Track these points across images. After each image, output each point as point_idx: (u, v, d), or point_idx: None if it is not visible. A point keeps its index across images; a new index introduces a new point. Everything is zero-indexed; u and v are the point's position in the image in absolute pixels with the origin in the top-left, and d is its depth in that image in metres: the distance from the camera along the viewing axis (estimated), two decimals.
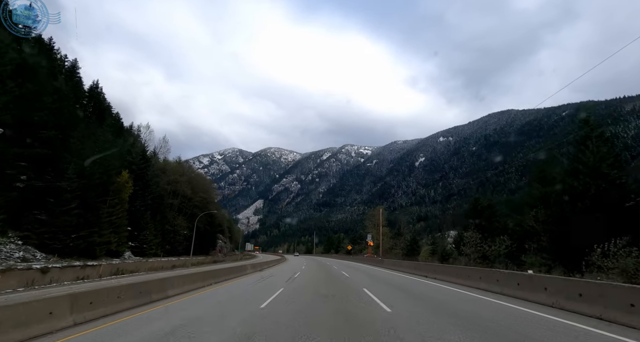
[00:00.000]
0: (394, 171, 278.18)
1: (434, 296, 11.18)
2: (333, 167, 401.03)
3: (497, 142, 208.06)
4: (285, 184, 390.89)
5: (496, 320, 6.82)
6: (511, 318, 7.03)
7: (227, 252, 72.67)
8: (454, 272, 15.55)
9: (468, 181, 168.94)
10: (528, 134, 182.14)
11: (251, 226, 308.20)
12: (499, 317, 7.10)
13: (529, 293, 9.32)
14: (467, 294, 11.22)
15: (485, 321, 6.77)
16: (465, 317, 7.22)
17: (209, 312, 8.01)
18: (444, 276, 16.11)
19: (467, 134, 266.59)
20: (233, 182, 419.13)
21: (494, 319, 6.89)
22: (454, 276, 15.06)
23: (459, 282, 14.25)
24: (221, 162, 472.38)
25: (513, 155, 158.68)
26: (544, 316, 7.17)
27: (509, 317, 7.11)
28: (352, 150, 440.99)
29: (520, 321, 6.75)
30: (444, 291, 12.48)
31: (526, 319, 6.87)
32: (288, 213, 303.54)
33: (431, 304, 9.30)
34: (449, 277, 15.54)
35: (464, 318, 7.08)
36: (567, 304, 7.75)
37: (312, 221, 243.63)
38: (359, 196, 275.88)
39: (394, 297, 10.46)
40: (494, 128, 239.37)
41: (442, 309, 8.26)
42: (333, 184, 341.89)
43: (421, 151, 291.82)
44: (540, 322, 6.55)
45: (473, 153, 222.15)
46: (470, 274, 13.71)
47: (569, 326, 6.21)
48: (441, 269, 17.67)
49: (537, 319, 6.93)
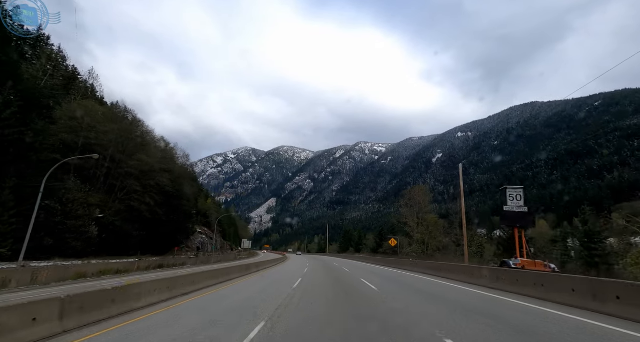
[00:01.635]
0: (410, 168, 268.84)
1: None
2: (346, 165, 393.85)
3: (521, 135, 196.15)
4: (298, 182, 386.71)
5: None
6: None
7: (211, 252, 52.31)
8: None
9: (491, 176, 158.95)
10: (556, 126, 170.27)
11: (264, 224, 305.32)
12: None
13: None
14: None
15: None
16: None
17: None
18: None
19: (488, 128, 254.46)
20: (246, 181, 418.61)
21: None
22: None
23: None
24: (234, 161, 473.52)
25: (541, 149, 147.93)
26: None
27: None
28: (366, 147, 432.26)
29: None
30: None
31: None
32: (301, 211, 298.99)
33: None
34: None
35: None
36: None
37: (326, 219, 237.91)
38: (373, 194, 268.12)
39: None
40: (516, 121, 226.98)
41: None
42: (347, 182, 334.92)
43: (438, 147, 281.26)
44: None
45: (495, 147, 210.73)
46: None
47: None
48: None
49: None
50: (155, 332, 5.39)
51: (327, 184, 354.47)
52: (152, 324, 6.03)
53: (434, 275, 17.22)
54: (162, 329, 5.65)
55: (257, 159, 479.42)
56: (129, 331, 5.53)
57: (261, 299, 9.18)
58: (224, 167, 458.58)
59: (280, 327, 5.74)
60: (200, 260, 34.09)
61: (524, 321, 6.32)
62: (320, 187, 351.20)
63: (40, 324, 4.81)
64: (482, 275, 12.96)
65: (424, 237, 39.64)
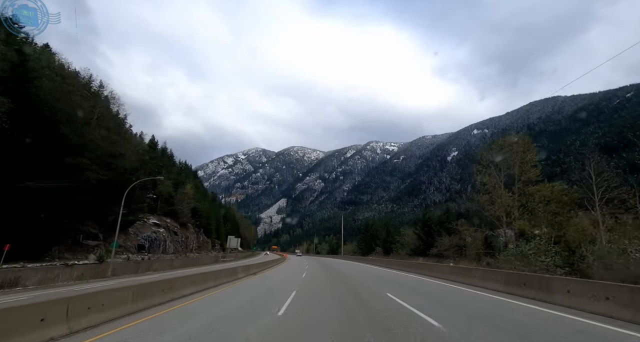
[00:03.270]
0: (424, 167, 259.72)
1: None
2: (358, 164, 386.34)
3: (544, 130, 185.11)
4: (309, 182, 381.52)
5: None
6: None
7: (158, 256, 35.73)
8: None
9: None
10: (583, 120, 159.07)
11: (274, 225, 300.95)
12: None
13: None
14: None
15: None
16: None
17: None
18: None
19: (506, 124, 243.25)
20: (256, 182, 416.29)
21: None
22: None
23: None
24: (245, 162, 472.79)
25: (568, 144, 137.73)
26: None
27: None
28: (377, 147, 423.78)
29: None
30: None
31: None
32: (311, 212, 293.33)
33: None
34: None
35: None
36: None
37: (337, 219, 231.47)
38: (386, 194, 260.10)
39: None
40: (538, 116, 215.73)
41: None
42: (358, 181, 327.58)
43: (453, 145, 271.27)
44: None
45: None
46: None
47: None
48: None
49: None
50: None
51: (338, 184, 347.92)
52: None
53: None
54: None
55: (268, 160, 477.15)
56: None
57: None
58: (234, 168, 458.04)
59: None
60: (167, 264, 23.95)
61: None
62: (331, 187, 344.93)
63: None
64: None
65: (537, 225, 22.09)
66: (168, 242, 38.01)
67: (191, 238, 47.78)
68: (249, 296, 9.92)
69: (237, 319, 6.56)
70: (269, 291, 11.02)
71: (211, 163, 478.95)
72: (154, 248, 34.67)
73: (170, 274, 16.33)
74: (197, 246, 50.83)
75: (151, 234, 35.87)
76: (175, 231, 42.56)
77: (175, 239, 41.31)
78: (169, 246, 37.99)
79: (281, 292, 10.48)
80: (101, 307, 6.10)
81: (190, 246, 46.94)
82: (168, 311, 7.30)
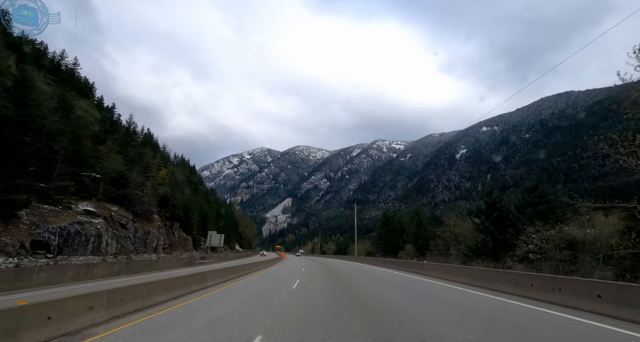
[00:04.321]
0: (432, 165, 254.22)
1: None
2: (364, 163, 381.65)
3: (558, 126, 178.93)
4: (314, 181, 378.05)
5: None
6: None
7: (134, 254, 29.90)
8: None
9: (526, 170, 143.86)
10: (601, 114, 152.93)
11: (279, 224, 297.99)
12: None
13: None
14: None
15: None
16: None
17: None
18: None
19: (516, 121, 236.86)
20: (261, 181, 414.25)
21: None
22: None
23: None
24: (250, 162, 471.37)
25: (585, 139, 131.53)
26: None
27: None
28: (384, 145, 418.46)
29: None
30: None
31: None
32: (317, 211, 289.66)
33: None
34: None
35: None
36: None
37: (343, 218, 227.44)
38: (393, 192, 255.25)
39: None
40: (550, 112, 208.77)
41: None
42: (364, 180, 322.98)
43: (462, 142, 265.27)
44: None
45: (527, 141, 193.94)
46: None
47: None
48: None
49: None
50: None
51: (343, 183, 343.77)
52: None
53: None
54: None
55: (273, 159, 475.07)
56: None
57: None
58: (239, 167, 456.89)
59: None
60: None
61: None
62: (337, 186, 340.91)
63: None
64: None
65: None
66: (107, 238, 26.31)
67: (155, 234, 35.85)
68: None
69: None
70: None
71: (217, 163, 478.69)
72: (74, 246, 22.91)
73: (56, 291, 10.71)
74: (167, 244, 39.50)
75: (71, 225, 23.16)
76: (123, 223, 30.24)
77: (122, 234, 29.30)
78: (108, 243, 26.31)
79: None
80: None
81: (154, 244, 35.40)
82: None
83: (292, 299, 9.41)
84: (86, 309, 5.71)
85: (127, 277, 16.80)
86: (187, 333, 5.42)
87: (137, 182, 33.12)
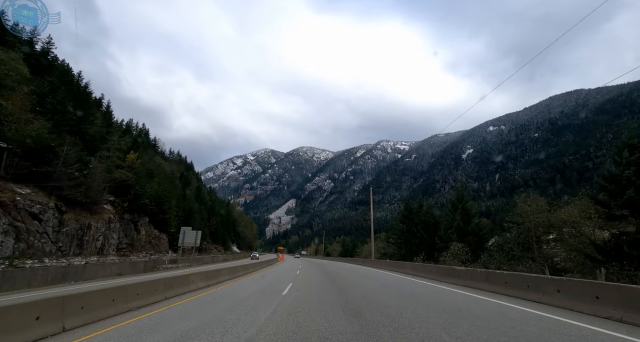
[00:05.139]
0: (437, 165, 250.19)
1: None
2: (368, 164, 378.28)
3: (568, 125, 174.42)
4: (318, 182, 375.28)
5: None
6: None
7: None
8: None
9: (536, 170, 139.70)
10: (613, 112, 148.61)
11: (283, 225, 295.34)
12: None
13: None
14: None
15: None
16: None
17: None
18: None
19: (524, 120, 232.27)
20: (265, 182, 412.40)
21: None
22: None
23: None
24: (254, 163, 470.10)
25: (599, 137, 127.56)
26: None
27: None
28: (388, 146, 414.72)
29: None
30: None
31: None
32: (321, 212, 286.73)
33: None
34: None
35: None
36: None
37: (347, 220, 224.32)
38: (398, 193, 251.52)
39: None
40: (560, 111, 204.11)
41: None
42: (369, 181, 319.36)
43: (468, 142, 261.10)
44: None
45: (536, 140, 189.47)
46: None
47: None
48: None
49: None
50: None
51: (348, 183, 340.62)
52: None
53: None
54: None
55: (277, 160, 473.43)
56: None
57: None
58: (243, 168, 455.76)
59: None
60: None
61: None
62: (341, 187, 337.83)
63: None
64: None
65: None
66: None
67: (101, 230, 26.88)
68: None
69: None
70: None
71: (220, 164, 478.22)
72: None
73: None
74: (126, 243, 30.73)
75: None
76: (35, 212, 20.46)
77: (31, 228, 19.96)
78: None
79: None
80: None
81: (100, 244, 26.62)
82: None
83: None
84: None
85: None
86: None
87: (72, 159, 24.11)
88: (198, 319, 6.49)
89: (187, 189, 54.45)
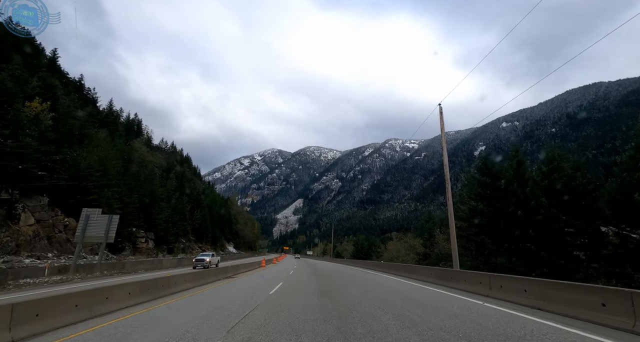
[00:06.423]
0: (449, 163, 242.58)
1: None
2: (376, 163, 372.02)
3: (589, 119, 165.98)
4: (326, 182, 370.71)
5: None
6: None
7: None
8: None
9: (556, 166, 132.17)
10: (638, 104, 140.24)
11: (290, 225, 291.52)
12: None
13: None
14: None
15: None
16: None
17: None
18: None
19: (540, 115, 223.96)
20: (272, 182, 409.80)
21: None
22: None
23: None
24: (261, 163, 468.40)
25: (624, 130, 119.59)
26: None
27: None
28: (397, 144, 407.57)
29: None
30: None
31: None
32: (329, 212, 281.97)
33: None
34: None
35: None
36: None
37: (356, 219, 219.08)
38: (408, 192, 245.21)
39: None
40: (578, 105, 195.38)
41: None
42: (377, 180, 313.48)
43: (480, 139, 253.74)
44: None
45: (554, 135, 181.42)
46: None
47: None
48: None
49: None
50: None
51: (356, 183, 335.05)
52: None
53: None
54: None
55: (284, 160, 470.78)
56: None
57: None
58: (250, 169, 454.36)
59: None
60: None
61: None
62: (349, 186, 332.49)
63: None
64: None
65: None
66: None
67: (23, 232, 20.58)
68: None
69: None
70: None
71: (227, 165, 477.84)
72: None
73: None
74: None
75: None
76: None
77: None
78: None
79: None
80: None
81: (28, 249, 19.97)
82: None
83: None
84: None
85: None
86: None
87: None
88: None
89: (169, 178, 48.85)
